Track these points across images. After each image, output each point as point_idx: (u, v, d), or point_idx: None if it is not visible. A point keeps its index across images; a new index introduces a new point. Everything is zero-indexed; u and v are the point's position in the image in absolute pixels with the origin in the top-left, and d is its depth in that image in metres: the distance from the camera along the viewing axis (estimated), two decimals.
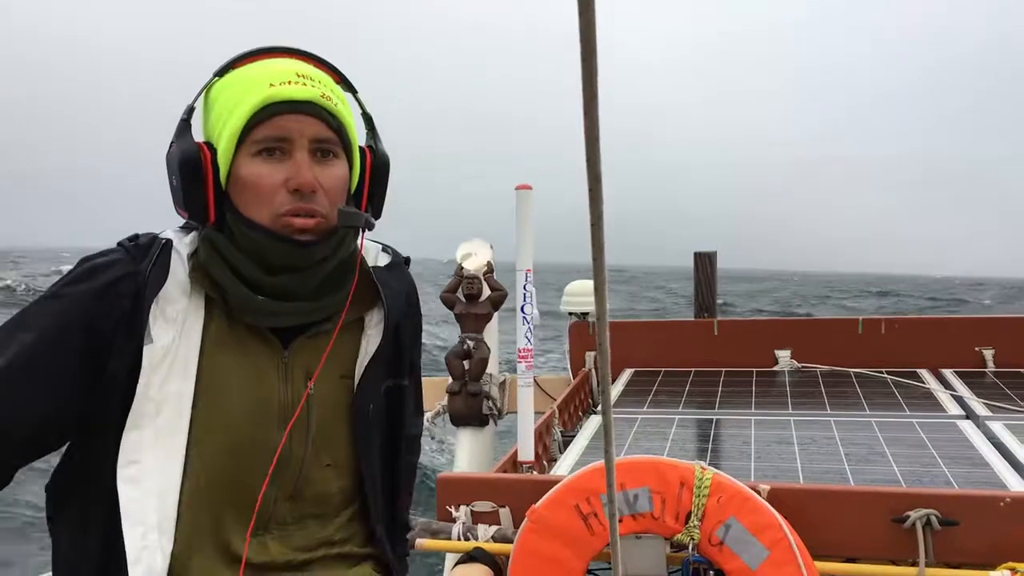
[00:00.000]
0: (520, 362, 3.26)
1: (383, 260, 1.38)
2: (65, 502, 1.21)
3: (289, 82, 1.19)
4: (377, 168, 1.32)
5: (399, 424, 1.38)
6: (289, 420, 1.23)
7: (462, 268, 4.86)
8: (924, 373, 4.49)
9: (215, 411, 1.19)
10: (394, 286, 1.35)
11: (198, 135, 1.24)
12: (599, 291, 0.66)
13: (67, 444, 1.21)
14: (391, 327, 1.32)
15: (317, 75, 1.24)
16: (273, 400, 1.23)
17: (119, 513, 1.12)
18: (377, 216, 1.32)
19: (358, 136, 1.31)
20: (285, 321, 1.24)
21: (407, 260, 1.43)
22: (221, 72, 1.24)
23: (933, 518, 2.31)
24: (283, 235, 1.19)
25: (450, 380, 4.59)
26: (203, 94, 1.25)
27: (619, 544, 0.94)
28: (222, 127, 1.20)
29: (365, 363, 1.31)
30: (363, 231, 1.27)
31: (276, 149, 1.19)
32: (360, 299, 1.30)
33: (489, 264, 4.94)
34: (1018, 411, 3.70)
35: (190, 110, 1.24)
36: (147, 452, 1.14)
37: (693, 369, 4.81)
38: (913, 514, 2.32)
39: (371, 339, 1.33)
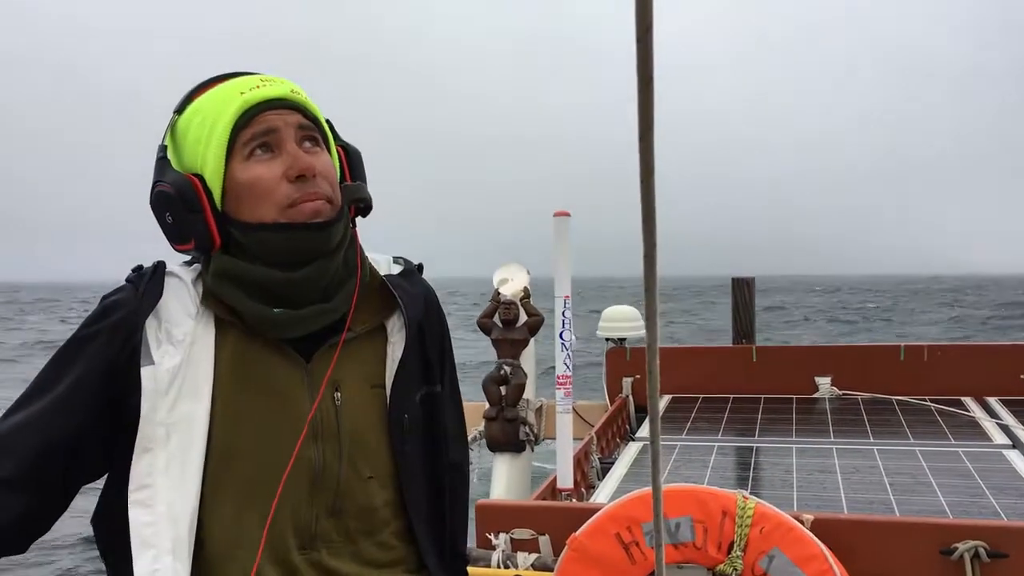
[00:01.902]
0: (559, 388, 3.26)
1: (396, 270, 1.38)
2: (105, 537, 1.22)
3: (257, 86, 1.21)
4: (353, 160, 1.33)
5: (439, 436, 1.36)
6: (321, 433, 1.22)
7: (499, 293, 4.87)
8: (968, 401, 4.42)
9: (238, 433, 1.18)
10: (409, 289, 1.34)
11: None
12: (650, 319, 0.66)
13: (104, 484, 1.22)
14: (413, 329, 1.32)
15: (278, 78, 1.26)
16: (300, 414, 1.22)
17: None
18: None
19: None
20: (305, 328, 1.23)
21: (420, 266, 1.43)
22: (180, 108, 1.24)
23: (982, 550, 2.26)
24: (298, 222, 1.19)
25: (487, 406, 4.59)
26: (169, 132, 1.25)
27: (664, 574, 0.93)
28: (204, 148, 1.19)
29: (394, 370, 1.30)
30: (355, 224, 1.29)
31: (267, 144, 1.20)
32: (378, 308, 1.31)
33: (526, 289, 4.95)
34: None
35: (163, 148, 1.24)
36: (159, 476, 1.13)
37: (732, 396, 4.78)
38: (961, 546, 2.28)
39: (396, 345, 1.31)
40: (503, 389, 4.59)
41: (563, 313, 3.19)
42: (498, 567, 2.57)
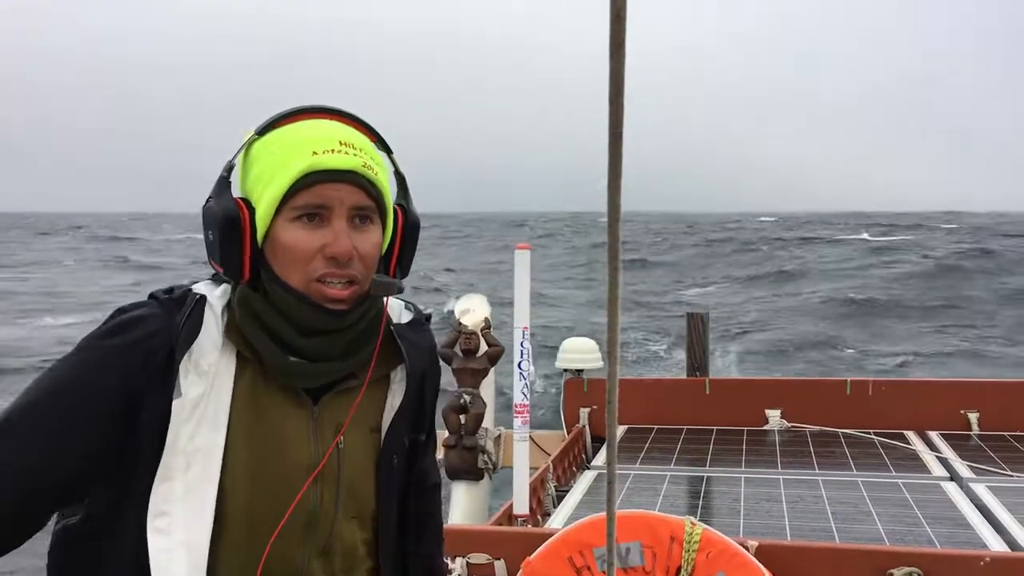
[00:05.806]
0: (516, 417, 3.34)
1: (406, 317, 1.43)
2: (76, 562, 1.21)
3: (332, 150, 1.20)
4: (408, 229, 1.34)
5: (413, 481, 1.42)
6: (322, 477, 1.27)
7: (460, 323, 4.95)
8: (910, 435, 4.58)
9: (244, 468, 1.22)
10: (417, 343, 1.40)
11: (235, 189, 1.25)
12: (612, 345, 0.74)
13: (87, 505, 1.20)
14: (415, 382, 1.38)
15: (359, 141, 1.25)
16: (303, 456, 1.26)
17: (143, 566, 1.13)
18: (404, 275, 1.37)
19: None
20: (317, 381, 1.28)
21: (428, 317, 1.48)
22: (261, 131, 1.24)
23: None
24: (315, 301, 1.21)
25: (446, 434, 4.65)
26: (244, 151, 1.25)
27: None
28: (263, 189, 1.20)
29: (391, 417, 1.36)
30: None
31: (316, 215, 1.21)
32: (386, 357, 1.35)
33: (487, 320, 5.03)
34: (1001, 474, 3.79)
35: (230, 167, 1.24)
36: (177, 504, 1.16)
37: (685, 427, 4.89)
38: (897, 572, 2.40)
39: (396, 394, 1.37)
40: (462, 418, 4.65)
41: (521, 343, 3.28)
42: None
